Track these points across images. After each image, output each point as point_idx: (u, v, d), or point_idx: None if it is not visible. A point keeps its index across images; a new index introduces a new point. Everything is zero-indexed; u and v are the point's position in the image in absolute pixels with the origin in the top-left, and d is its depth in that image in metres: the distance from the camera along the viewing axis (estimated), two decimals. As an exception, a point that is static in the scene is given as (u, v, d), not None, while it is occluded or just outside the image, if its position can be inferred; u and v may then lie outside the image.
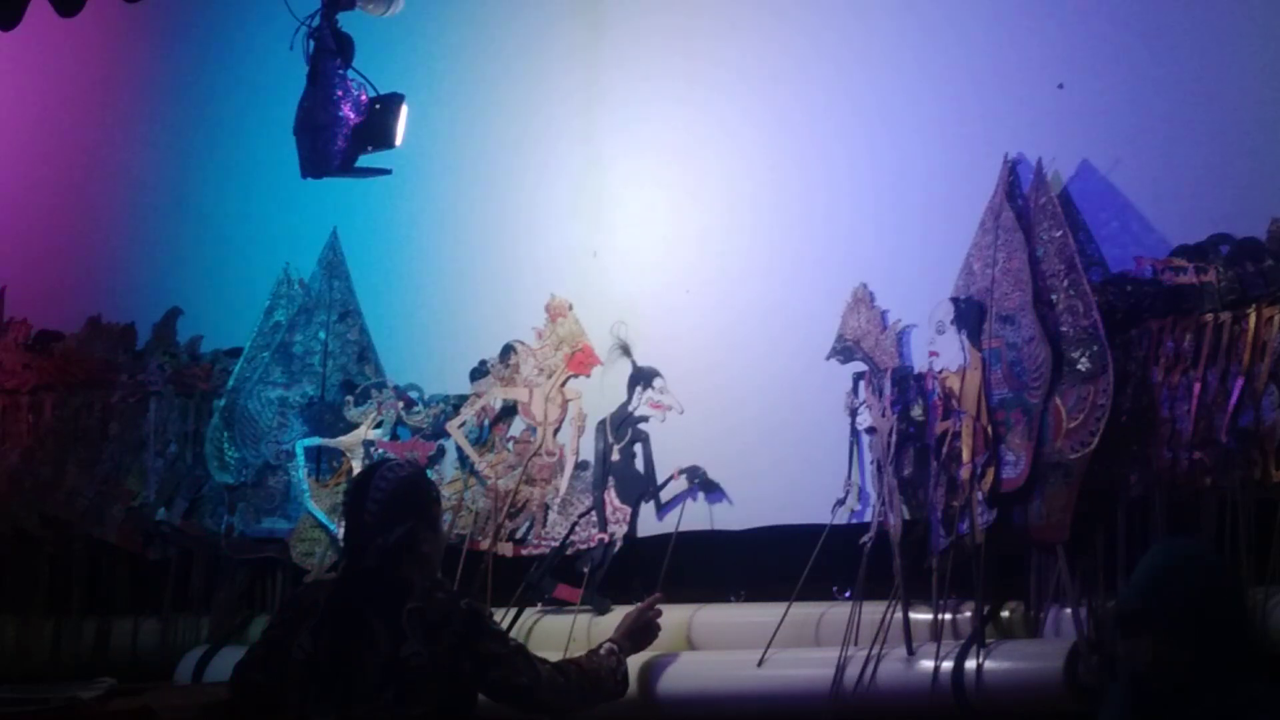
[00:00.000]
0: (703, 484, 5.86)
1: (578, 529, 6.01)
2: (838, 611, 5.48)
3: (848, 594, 5.55)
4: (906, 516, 5.43)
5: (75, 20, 6.85)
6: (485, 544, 6.08)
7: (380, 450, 6.22)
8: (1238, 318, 5.08)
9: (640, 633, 5.07)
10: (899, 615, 5.31)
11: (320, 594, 4.52)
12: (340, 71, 5.77)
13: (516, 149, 6.42)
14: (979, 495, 5.28)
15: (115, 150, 7.23)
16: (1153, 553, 3.47)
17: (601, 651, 4.89)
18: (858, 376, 5.65)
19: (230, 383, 6.50)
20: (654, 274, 6.12)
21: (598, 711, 5.47)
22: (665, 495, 5.90)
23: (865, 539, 5.46)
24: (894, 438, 5.47)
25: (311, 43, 5.81)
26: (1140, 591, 3.39)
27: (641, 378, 6.04)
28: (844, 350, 5.69)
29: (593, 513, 5.99)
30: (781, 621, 5.48)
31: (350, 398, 6.39)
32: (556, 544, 6.02)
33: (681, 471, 5.88)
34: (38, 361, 6.99)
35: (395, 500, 4.39)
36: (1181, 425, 5.09)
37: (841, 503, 5.59)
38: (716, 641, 5.70)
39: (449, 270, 6.49)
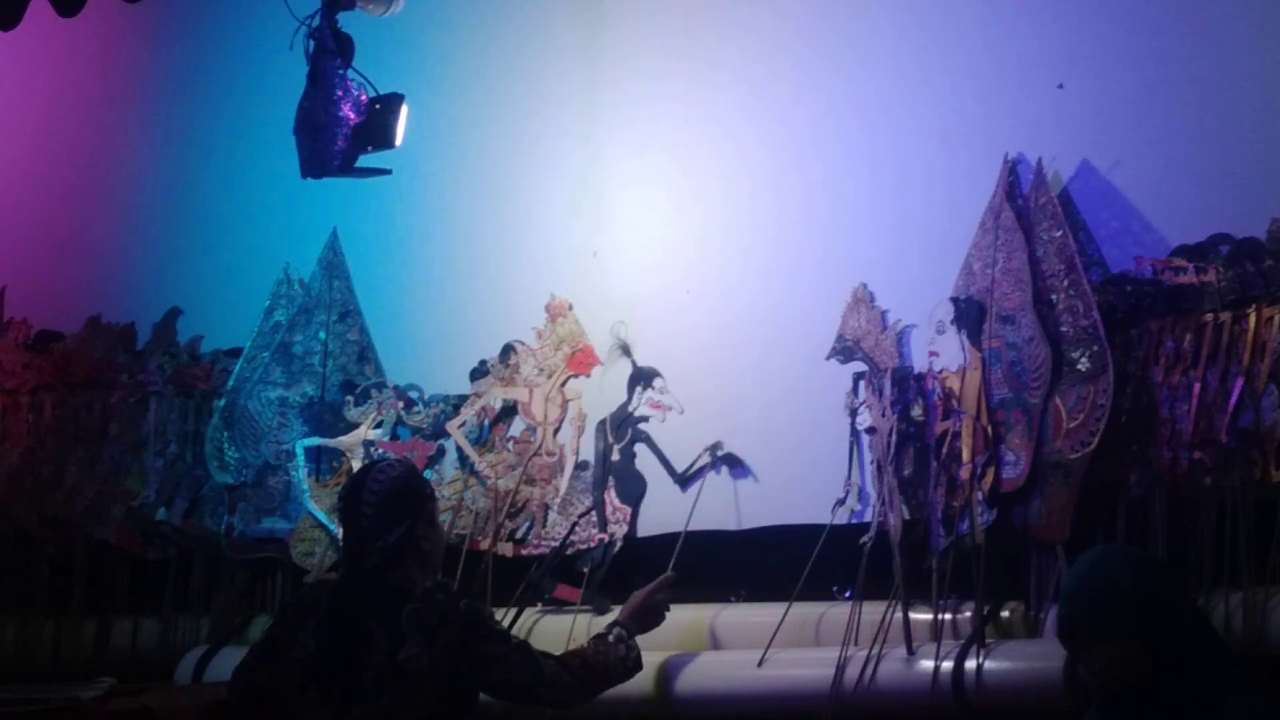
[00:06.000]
0: (726, 459, 5.84)
1: (578, 529, 6.01)
2: (838, 611, 5.48)
3: (848, 594, 5.55)
4: (906, 516, 5.43)
5: (75, 20, 6.85)
6: (485, 544, 6.08)
7: (380, 450, 6.22)
8: (1238, 318, 5.08)
9: (647, 614, 4.87)
10: (899, 615, 5.31)
11: (322, 593, 4.49)
12: (340, 71, 5.76)
13: (516, 149, 6.43)
14: (979, 495, 5.28)
15: (115, 150, 7.23)
16: (1083, 563, 3.51)
17: (610, 638, 4.69)
18: (858, 376, 5.65)
19: (230, 383, 6.50)
20: (654, 274, 6.12)
21: (601, 712, 5.47)
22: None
23: (865, 539, 5.46)
24: (894, 438, 5.47)
25: (311, 43, 5.81)
26: (1083, 600, 3.42)
27: (641, 378, 6.04)
28: (844, 350, 5.69)
29: (593, 513, 6.00)
30: (781, 621, 5.49)
31: (350, 398, 6.39)
32: (556, 544, 6.02)
33: (706, 449, 5.87)
34: (38, 361, 6.98)
35: (392, 500, 4.35)
36: (1181, 425, 5.09)
37: (841, 503, 5.59)
38: (717, 641, 5.69)
39: (449, 270, 6.49)
